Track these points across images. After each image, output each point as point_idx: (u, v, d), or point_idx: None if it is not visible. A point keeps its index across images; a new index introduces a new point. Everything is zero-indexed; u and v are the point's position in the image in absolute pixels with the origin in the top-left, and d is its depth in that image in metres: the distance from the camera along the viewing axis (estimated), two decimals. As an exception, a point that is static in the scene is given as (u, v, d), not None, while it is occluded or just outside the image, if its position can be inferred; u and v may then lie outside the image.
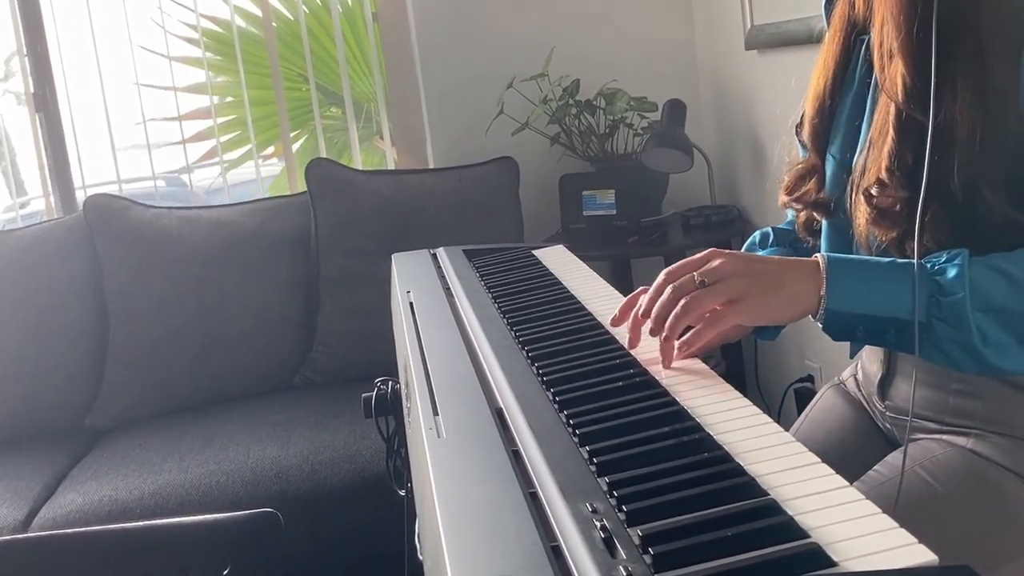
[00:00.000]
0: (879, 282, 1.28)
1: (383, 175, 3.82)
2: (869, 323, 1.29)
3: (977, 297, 1.24)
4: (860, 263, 1.30)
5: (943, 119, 1.29)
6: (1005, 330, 1.25)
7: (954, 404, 1.46)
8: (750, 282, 1.28)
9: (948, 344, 1.26)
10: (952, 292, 1.24)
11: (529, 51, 3.81)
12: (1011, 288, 1.24)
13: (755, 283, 1.28)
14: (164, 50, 4.52)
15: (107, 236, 3.48)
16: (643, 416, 1.12)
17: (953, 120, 1.29)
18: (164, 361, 3.40)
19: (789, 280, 1.29)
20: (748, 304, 1.28)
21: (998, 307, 1.24)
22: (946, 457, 1.43)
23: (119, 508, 2.69)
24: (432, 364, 1.39)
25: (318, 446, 2.86)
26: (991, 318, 1.24)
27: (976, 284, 1.24)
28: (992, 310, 1.24)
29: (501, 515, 0.90)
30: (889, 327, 1.28)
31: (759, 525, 0.85)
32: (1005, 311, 1.24)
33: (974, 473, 1.41)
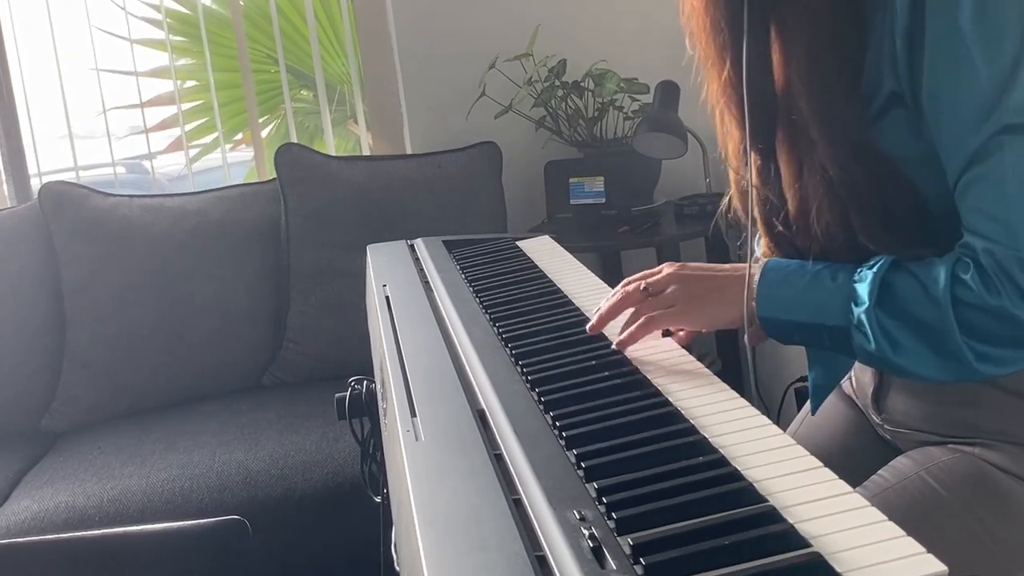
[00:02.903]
0: (805, 290, 1.40)
1: (357, 161, 3.80)
2: (802, 329, 1.40)
3: (893, 304, 1.31)
4: (794, 270, 1.43)
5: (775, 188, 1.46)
6: (919, 338, 1.31)
7: (952, 415, 1.47)
8: (687, 289, 1.46)
9: (863, 352, 1.35)
10: (861, 302, 1.33)
11: (513, 29, 3.79)
12: (924, 298, 1.30)
13: (691, 290, 1.46)
14: (125, 32, 4.51)
15: (64, 226, 3.46)
16: (634, 418, 1.12)
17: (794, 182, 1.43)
18: (124, 360, 3.38)
19: (725, 288, 1.45)
20: (683, 309, 1.45)
21: (913, 316, 1.30)
22: (952, 463, 1.44)
23: (77, 515, 2.68)
24: (410, 363, 1.38)
25: (288, 450, 2.85)
26: (908, 327, 1.31)
27: (894, 291, 1.32)
28: (908, 318, 1.31)
29: (483, 523, 0.89)
30: (822, 332, 1.38)
31: (758, 533, 0.85)
32: (917, 320, 1.30)
33: (982, 480, 1.41)
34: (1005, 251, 1.25)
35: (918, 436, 1.52)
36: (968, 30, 1.25)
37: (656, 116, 3.50)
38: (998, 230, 1.26)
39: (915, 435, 1.52)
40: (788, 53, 1.40)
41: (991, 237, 1.26)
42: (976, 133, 1.26)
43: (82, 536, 2.28)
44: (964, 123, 1.28)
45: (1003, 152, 1.25)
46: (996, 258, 1.26)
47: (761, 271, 1.43)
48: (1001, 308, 1.25)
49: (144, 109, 4.58)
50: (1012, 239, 1.25)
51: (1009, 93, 1.24)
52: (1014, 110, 1.24)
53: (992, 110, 1.25)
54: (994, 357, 1.28)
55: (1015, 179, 1.25)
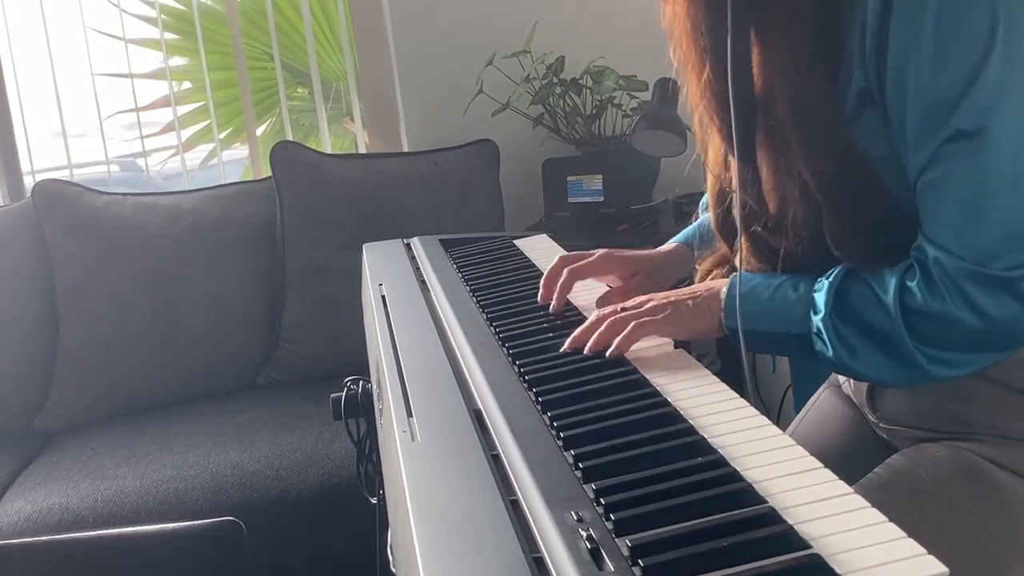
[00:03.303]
0: (769, 301, 1.44)
1: (353, 159, 3.80)
2: (769, 338, 1.44)
3: (848, 312, 1.35)
4: (759, 282, 1.46)
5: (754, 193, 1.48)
6: (873, 345, 1.34)
7: (946, 410, 1.49)
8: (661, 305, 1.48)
9: (825, 359, 1.38)
10: (818, 310, 1.37)
11: (510, 26, 3.79)
12: (876, 305, 1.33)
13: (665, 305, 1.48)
14: (119, 28, 4.50)
15: (57, 225, 3.46)
16: (632, 418, 1.12)
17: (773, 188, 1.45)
18: (118, 359, 3.38)
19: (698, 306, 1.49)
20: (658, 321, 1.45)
21: (867, 323, 1.34)
22: (945, 457, 1.46)
23: (70, 517, 2.68)
24: (406, 362, 1.38)
25: (283, 450, 2.85)
26: (863, 333, 1.34)
27: (848, 298, 1.35)
28: (863, 325, 1.34)
29: (480, 524, 0.89)
30: (787, 341, 1.42)
31: (757, 535, 0.85)
32: (871, 327, 1.33)
33: (974, 473, 1.43)
34: (954, 261, 1.28)
35: (913, 433, 1.53)
36: (931, 33, 1.26)
37: (655, 113, 3.49)
38: (949, 238, 1.29)
39: (910, 432, 1.54)
40: (768, 55, 1.41)
41: (942, 245, 1.29)
42: (934, 137, 1.28)
43: (76, 537, 2.28)
44: (923, 126, 1.29)
45: (956, 158, 1.27)
46: (944, 268, 1.28)
47: (728, 284, 1.48)
48: (945, 313, 1.28)
49: (140, 112, 4.57)
50: (962, 248, 1.28)
51: (967, 98, 1.25)
52: (969, 116, 1.25)
53: (949, 114, 1.26)
54: (946, 360, 1.32)
55: (966, 186, 1.27)
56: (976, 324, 1.28)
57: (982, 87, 1.24)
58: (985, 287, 1.27)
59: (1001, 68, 1.24)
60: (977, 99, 1.25)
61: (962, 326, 1.28)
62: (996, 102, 1.25)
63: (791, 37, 1.37)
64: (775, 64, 1.40)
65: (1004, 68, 1.24)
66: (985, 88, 1.24)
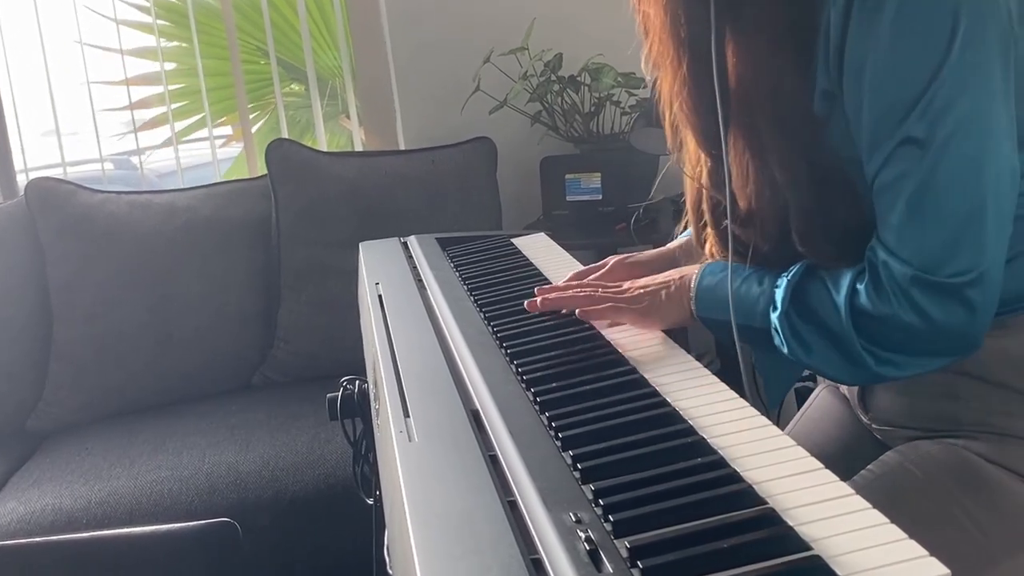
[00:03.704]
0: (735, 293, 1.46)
1: (349, 157, 3.80)
2: (736, 328, 1.46)
3: (805, 309, 1.37)
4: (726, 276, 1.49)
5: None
6: (827, 342, 1.36)
7: (934, 408, 1.50)
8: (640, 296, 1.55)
9: (784, 353, 1.41)
10: (776, 307, 1.40)
11: (508, 22, 3.79)
12: (830, 305, 1.35)
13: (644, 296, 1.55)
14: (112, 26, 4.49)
15: (50, 223, 3.46)
16: (631, 418, 1.12)
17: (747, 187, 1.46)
18: (112, 359, 3.38)
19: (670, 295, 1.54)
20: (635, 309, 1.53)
21: (821, 321, 1.36)
22: (936, 453, 1.46)
23: (63, 518, 2.67)
24: (403, 362, 1.38)
25: (279, 451, 2.85)
26: (817, 331, 1.37)
27: (806, 296, 1.38)
28: (818, 322, 1.36)
29: (477, 525, 0.89)
30: (752, 333, 1.45)
31: (757, 536, 0.85)
32: (825, 326, 1.35)
33: (966, 468, 1.44)
34: (901, 267, 1.29)
35: (905, 433, 1.54)
36: (888, 37, 1.27)
37: (654, 111, 3.49)
38: (896, 242, 1.30)
39: (902, 432, 1.55)
40: (742, 53, 1.42)
41: (891, 249, 1.31)
42: (887, 140, 1.30)
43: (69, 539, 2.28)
44: (876, 128, 1.31)
45: (906, 163, 1.29)
46: (892, 272, 1.30)
47: (699, 273, 1.53)
48: (892, 316, 1.30)
49: (131, 98, 4.57)
50: (909, 253, 1.29)
51: (919, 105, 1.26)
52: (921, 123, 1.27)
53: (902, 120, 1.28)
54: (894, 362, 1.34)
55: (914, 192, 1.29)
56: (923, 328, 1.29)
57: (935, 95, 1.26)
58: (931, 293, 1.28)
59: (956, 77, 1.25)
60: (930, 107, 1.26)
61: (909, 329, 1.30)
62: (948, 111, 1.26)
63: (765, 35, 1.39)
64: (750, 62, 1.41)
65: (959, 77, 1.25)
66: (938, 96, 1.26)
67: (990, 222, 1.28)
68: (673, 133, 1.65)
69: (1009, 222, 1.32)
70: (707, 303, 1.50)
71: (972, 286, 1.28)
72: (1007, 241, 1.32)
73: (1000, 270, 1.31)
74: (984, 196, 1.28)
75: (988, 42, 1.26)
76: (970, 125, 1.26)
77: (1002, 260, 1.31)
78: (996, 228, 1.29)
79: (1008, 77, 1.29)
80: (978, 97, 1.27)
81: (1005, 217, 1.30)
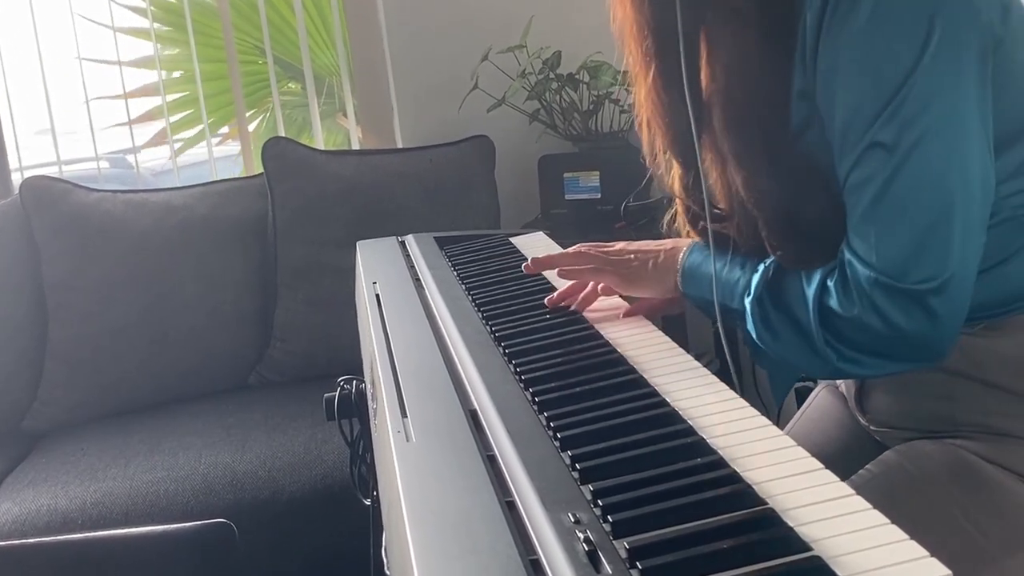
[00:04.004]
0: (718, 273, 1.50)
1: (347, 156, 3.80)
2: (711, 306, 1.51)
3: (777, 297, 1.41)
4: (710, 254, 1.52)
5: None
6: (796, 333, 1.38)
7: (930, 409, 1.50)
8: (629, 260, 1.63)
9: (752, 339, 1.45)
10: (749, 292, 1.44)
11: (506, 20, 3.79)
12: (800, 297, 1.37)
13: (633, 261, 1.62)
14: (108, 22, 4.49)
15: (45, 222, 3.45)
16: (630, 418, 1.12)
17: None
18: (108, 358, 3.38)
19: (658, 263, 1.61)
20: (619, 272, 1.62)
21: (791, 310, 1.38)
22: (936, 454, 1.47)
23: (59, 519, 2.67)
24: (400, 362, 1.38)
25: (276, 451, 2.85)
26: (786, 320, 1.39)
27: (781, 285, 1.41)
28: (788, 312, 1.39)
29: (475, 526, 0.89)
30: (732, 313, 1.49)
31: (757, 537, 0.85)
32: (794, 317, 1.38)
33: (963, 468, 1.44)
34: (865, 270, 1.30)
35: (903, 434, 1.55)
36: (861, 38, 1.28)
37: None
38: (860, 244, 1.31)
39: (899, 433, 1.55)
40: (711, 62, 1.44)
41: (855, 251, 1.32)
42: (856, 142, 1.30)
43: (64, 540, 2.27)
44: (846, 131, 1.32)
45: (873, 166, 1.29)
46: (856, 273, 1.31)
47: (688, 250, 1.58)
48: (855, 317, 1.31)
49: (128, 100, 4.56)
50: (870, 256, 1.30)
51: (888, 109, 1.27)
52: (889, 128, 1.27)
53: (871, 123, 1.28)
54: (856, 360, 1.35)
55: (880, 197, 1.29)
56: (885, 332, 1.30)
57: (905, 99, 1.26)
58: (893, 298, 1.29)
59: (928, 82, 1.26)
60: (899, 111, 1.26)
61: (872, 332, 1.31)
62: (918, 117, 1.26)
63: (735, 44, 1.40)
64: (715, 73, 1.43)
65: (931, 82, 1.26)
66: (908, 101, 1.26)
67: (957, 229, 1.28)
68: (649, 140, 1.66)
69: (981, 230, 1.31)
70: (692, 280, 1.56)
71: (935, 294, 1.28)
72: (978, 249, 1.32)
73: (969, 278, 1.31)
74: (951, 203, 1.28)
75: (965, 47, 1.27)
76: (939, 131, 1.27)
77: (972, 268, 1.31)
78: (964, 236, 1.29)
79: (986, 83, 1.29)
80: (950, 103, 1.27)
81: (975, 224, 1.30)
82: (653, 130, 1.62)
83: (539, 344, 1.41)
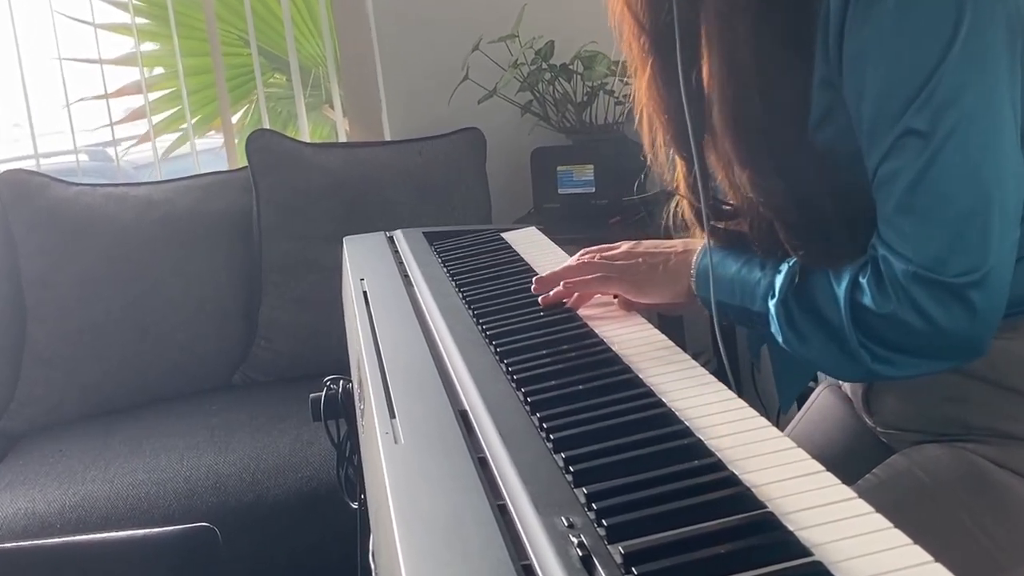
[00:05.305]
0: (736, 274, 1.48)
1: (333, 148, 3.80)
2: (734, 311, 1.49)
3: (804, 299, 1.38)
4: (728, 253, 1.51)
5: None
6: (825, 335, 1.36)
7: (941, 411, 1.49)
8: (638, 264, 1.60)
9: (779, 341, 1.42)
10: (774, 294, 1.41)
11: (497, 9, 3.79)
12: (830, 297, 1.35)
13: (642, 265, 1.59)
14: (88, 15, 4.48)
15: (23, 216, 3.45)
16: (626, 419, 1.12)
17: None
18: (87, 357, 3.37)
19: (668, 267, 1.58)
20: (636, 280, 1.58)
21: (820, 312, 1.36)
22: (944, 457, 1.47)
23: (36, 522, 2.67)
24: (388, 361, 1.38)
25: (261, 453, 2.85)
26: (814, 322, 1.37)
27: (808, 286, 1.38)
28: (816, 313, 1.36)
29: (466, 530, 0.89)
30: (751, 316, 1.46)
31: (756, 541, 0.84)
32: (824, 317, 1.35)
33: (973, 473, 1.44)
34: (899, 262, 1.29)
35: (911, 437, 1.54)
36: (891, 22, 1.27)
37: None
38: (895, 238, 1.30)
39: (908, 436, 1.55)
40: (712, 62, 1.43)
41: (890, 244, 1.30)
42: (887, 132, 1.29)
43: (42, 544, 2.27)
44: (877, 119, 1.31)
45: (907, 156, 1.28)
46: (891, 267, 1.29)
47: (700, 252, 1.54)
48: (891, 314, 1.29)
49: (110, 99, 4.55)
50: (906, 249, 1.29)
51: (922, 95, 1.26)
52: (924, 114, 1.26)
53: (903, 110, 1.27)
54: (890, 360, 1.33)
55: (916, 187, 1.28)
56: (924, 329, 1.28)
57: (939, 85, 1.25)
58: (932, 292, 1.28)
59: (961, 66, 1.25)
60: (933, 97, 1.26)
61: (909, 329, 1.29)
62: (952, 102, 1.25)
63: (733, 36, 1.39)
64: (719, 72, 1.42)
65: (964, 66, 1.25)
66: (942, 86, 1.25)
67: (995, 220, 1.27)
68: (649, 135, 1.66)
69: (1016, 223, 1.31)
70: (707, 284, 1.51)
71: (975, 287, 1.27)
72: (1014, 243, 1.31)
73: (1007, 273, 1.30)
74: (988, 192, 1.27)
75: (995, 32, 1.26)
76: (975, 118, 1.26)
77: (1010, 262, 1.30)
78: (1002, 227, 1.28)
79: (1015, 69, 1.29)
80: (984, 90, 1.26)
81: (1011, 216, 1.29)
82: (654, 126, 1.62)
83: (531, 343, 1.41)
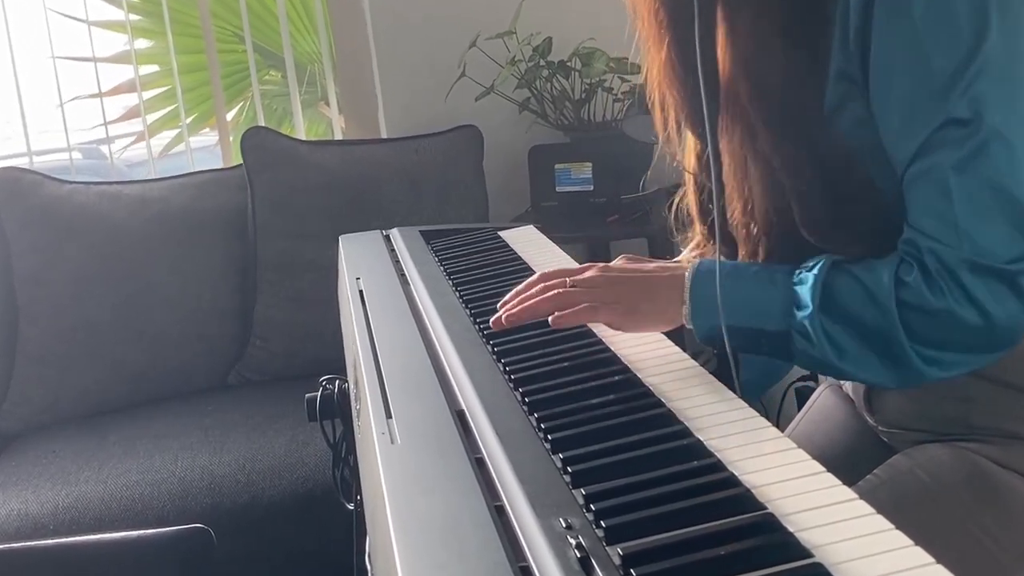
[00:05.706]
0: (742, 293, 1.38)
1: (329, 146, 3.80)
2: (738, 333, 1.38)
3: (834, 308, 1.32)
4: (729, 271, 1.40)
5: None
6: (863, 343, 1.32)
7: (945, 411, 1.49)
8: (619, 291, 1.42)
9: (806, 357, 1.35)
10: (804, 305, 1.33)
11: (495, 5, 3.78)
12: (868, 301, 1.31)
13: (624, 292, 1.42)
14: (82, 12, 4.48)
15: (16, 215, 3.44)
16: (624, 420, 1.12)
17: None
18: (81, 356, 3.37)
19: (656, 292, 1.43)
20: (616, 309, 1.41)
21: (855, 320, 1.31)
22: (946, 457, 1.46)
23: (29, 524, 2.67)
24: (385, 360, 1.38)
25: (255, 453, 2.85)
26: (851, 332, 1.32)
27: (835, 294, 1.32)
28: (852, 323, 1.32)
29: (463, 531, 0.89)
30: (760, 338, 1.38)
31: (756, 542, 0.85)
32: (861, 325, 1.31)
33: (976, 474, 1.44)
34: (949, 251, 1.27)
35: (913, 436, 1.54)
36: (921, 13, 1.26)
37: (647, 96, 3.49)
38: (942, 229, 1.28)
39: (910, 435, 1.54)
40: (733, 34, 1.42)
41: (935, 236, 1.28)
42: (924, 124, 1.28)
43: (35, 546, 2.27)
44: (911, 112, 1.30)
45: (950, 147, 1.27)
46: (940, 258, 1.27)
47: (693, 272, 1.41)
48: (946, 310, 1.27)
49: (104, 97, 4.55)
50: (956, 238, 1.27)
51: (958, 85, 1.25)
52: (962, 104, 1.25)
53: (942, 101, 1.26)
54: (942, 361, 1.31)
55: (960, 176, 1.27)
56: (977, 322, 1.27)
57: (978, 71, 1.25)
58: (985, 280, 1.26)
59: (999, 49, 1.25)
60: (972, 84, 1.25)
61: (963, 325, 1.27)
62: (993, 86, 1.25)
63: (759, 15, 1.38)
64: (739, 43, 1.40)
65: (1003, 49, 1.25)
66: (981, 72, 1.25)
67: None
68: (662, 117, 1.64)
69: None
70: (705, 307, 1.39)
71: None
72: None
73: None
74: None
75: None
76: (1015, 103, 1.26)
77: None
78: None
79: None
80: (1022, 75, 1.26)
81: None
82: (667, 107, 1.60)
83: (529, 342, 1.41)
